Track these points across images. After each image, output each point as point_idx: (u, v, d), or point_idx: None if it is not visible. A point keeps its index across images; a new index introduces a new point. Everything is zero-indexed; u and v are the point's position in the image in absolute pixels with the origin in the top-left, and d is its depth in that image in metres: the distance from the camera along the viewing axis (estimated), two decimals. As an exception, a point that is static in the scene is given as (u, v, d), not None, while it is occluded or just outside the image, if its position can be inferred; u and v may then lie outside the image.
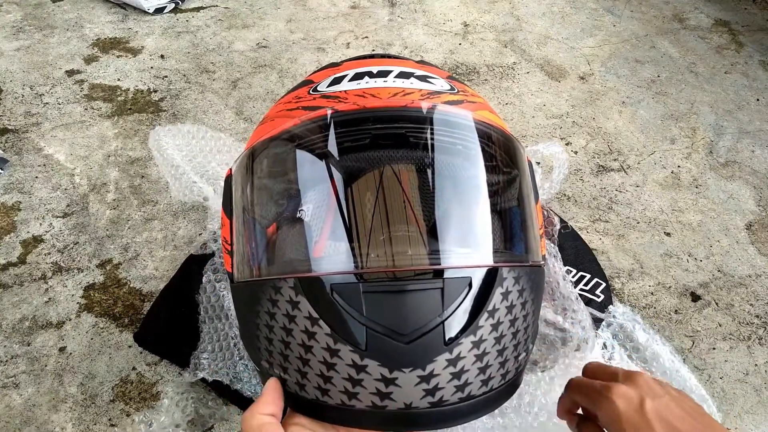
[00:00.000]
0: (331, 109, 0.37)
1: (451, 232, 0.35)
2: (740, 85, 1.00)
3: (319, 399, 0.33)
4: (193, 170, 0.75)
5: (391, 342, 0.31)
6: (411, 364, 0.31)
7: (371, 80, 0.40)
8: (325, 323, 0.32)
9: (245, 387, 0.52)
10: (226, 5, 1.13)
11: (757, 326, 0.65)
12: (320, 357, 0.32)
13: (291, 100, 0.43)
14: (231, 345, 0.54)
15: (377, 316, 0.31)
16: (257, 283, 0.35)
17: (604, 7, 1.20)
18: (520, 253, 0.38)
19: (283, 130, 0.38)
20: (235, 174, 0.41)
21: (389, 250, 0.34)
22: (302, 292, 0.32)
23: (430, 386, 0.31)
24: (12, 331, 0.59)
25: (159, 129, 0.79)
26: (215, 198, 0.70)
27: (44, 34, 1.01)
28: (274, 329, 0.34)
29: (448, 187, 0.37)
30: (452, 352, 0.32)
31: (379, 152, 0.37)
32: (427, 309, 0.32)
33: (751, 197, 0.80)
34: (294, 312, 0.33)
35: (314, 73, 0.48)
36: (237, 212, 0.40)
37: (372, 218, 0.35)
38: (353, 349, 0.31)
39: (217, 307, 0.57)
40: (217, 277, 0.59)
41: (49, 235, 0.69)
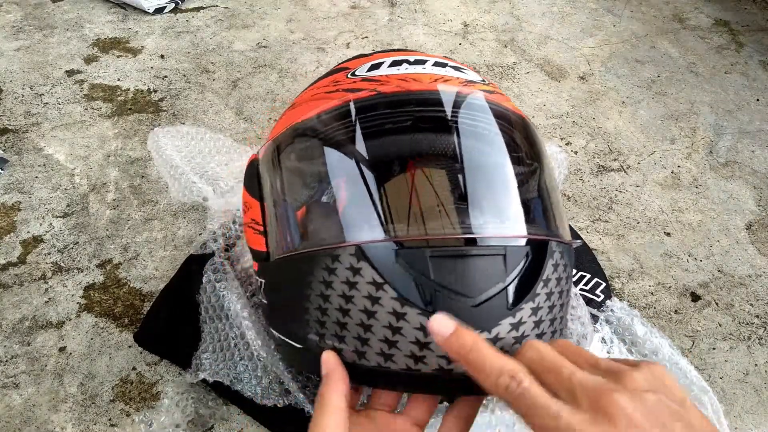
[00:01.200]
0: (374, 90, 0.39)
1: (511, 206, 0.37)
2: (740, 85, 1.00)
3: (381, 365, 0.33)
4: (193, 171, 0.75)
5: (458, 305, 0.32)
6: (478, 326, 0.32)
7: (410, 67, 0.42)
8: (391, 287, 0.32)
9: (246, 388, 0.52)
10: (226, 5, 1.13)
11: (757, 326, 0.65)
12: (385, 322, 0.32)
13: (327, 84, 0.43)
14: (231, 345, 0.54)
15: (445, 280, 0.32)
16: (308, 254, 0.35)
17: (604, 7, 1.20)
18: (558, 231, 0.40)
19: (333, 107, 0.39)
20: (270, 155, 0.42)
21: (453, 219, 0.35)
22: (364, 259, 0.33)
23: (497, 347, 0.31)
24: (12, 331, 0.59)
25: (158, 130, 0.79)
26: (215, 198, 0.70)
27: (44, 34, 1.01)
28: (330, 298, 0.34)
29: (501, 168, 0.38)
30: (515, 316, 0.33)
31: (424, 134, 0.38)
32: (491, 274, 0.33)
33: (751, 197, 0.80)
34: (355, 278, 0.33)
35: (346, 62, 0.49)
36: (275, 191, 0.41)
37: (434, 189, 0.36)
38: (421, 311, 0.32)
39: (218, 307, 0.56)
40: (218, 277, 0.59)
41: (49, 235, 0.69)
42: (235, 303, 0.55)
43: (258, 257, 0.43)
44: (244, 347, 0.53)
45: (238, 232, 0.66)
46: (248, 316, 0.55)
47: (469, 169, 0.37)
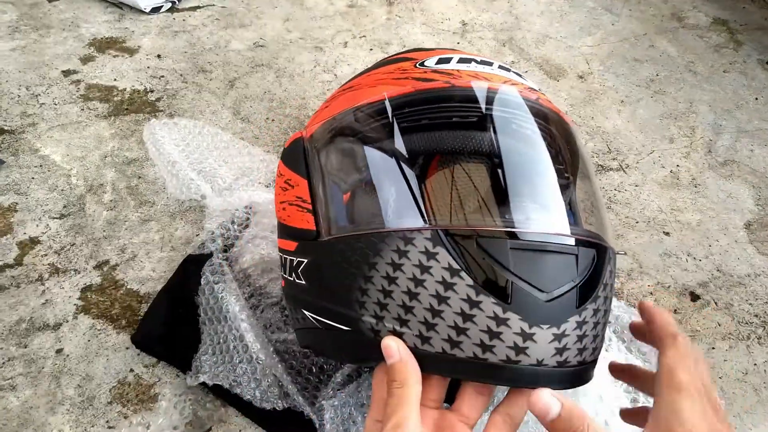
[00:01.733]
0: (447, 82, 0.40)
1: (583, 211, 0.40)
2: (739, 84, 1.00)
3: (447, 352, 0.33)
4: (190, 166, 0.74)
5: (533, 298, 0.33)
6: (549, 321, 0.33)
7: (478, 66, 0.43)
8: (467, 275, 0.33)
9: (245, 391, 0.52)
10: (223, 4, 1.12)
11: (756, 326, 0.65)
12: (457, 308, 0.33)
13: (393, 71, 0.44)
14: (230, 348, 0.53)
15: (523, 272, 0.33)
16: (376, 235, 0.35)
17: (602, 5, 1.20)
18: (610, 239, 0.41)
19: (408, 93, 0.40)
20: (330, 134, 0.42)
21: (534, 215, 0.36)
22: (441, 244, 0.33)
23: (560, 345, 0.33)
24: (9, 333, 0.59)
25: (154, 122, 0.79)
26: (213, 196, 0.70)
27: (40, 34, 1.00)
28: (398, 280, 0.34)
29: (564, 173, 0.40)
30: (581, 315, 0.34)
31: (503, 131, 0.39)
32: (565, 272, 0.34)
33: (750, 196, 0.80)
34: (430, 263, 0.33)
35: (405, 53, 0.49)
36: (335, 170, 0.41)
37: (516, 183, 0.37)
38: (496, 301, 0.32)
39: (216, 309, 0.56)
40: (216, 278, 0.58)
41: (46, 236, 0.68)
42: (233, 305, 0.55)
43: (301, 236, 0.42)
44: (243, 350, 0.53)
45: (237, 232, 0.66)
46: (247, 318, 0.55)
47: (548, 170, 0.39)
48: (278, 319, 0.59)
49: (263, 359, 0.52)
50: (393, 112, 0.40)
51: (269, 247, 0.63)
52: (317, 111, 0.48)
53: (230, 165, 0.76)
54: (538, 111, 0.41)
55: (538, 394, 0.31)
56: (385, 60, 0.50)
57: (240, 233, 0.66)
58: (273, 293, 0.61)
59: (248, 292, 0.60)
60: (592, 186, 0.43)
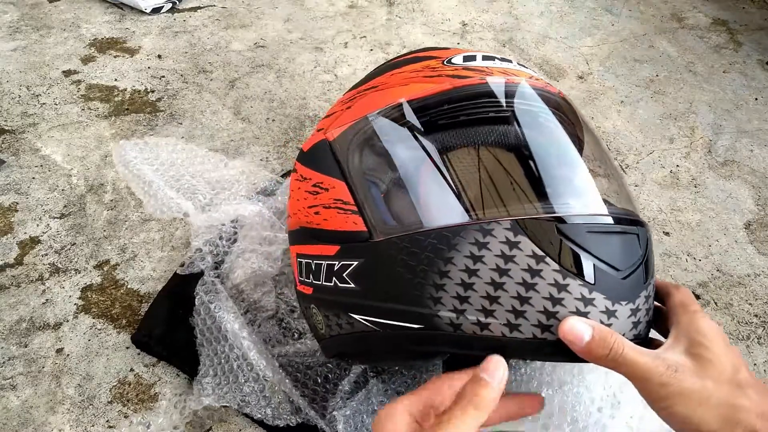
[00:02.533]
0: (483, 78, 0.42)
1: (626, 195, 0.42)
2: (738, 84, 1.00)
3: (537, 337, 0.34)
4: (167, 185, 0.71)
5: (612, 276, 0.35)
6: (626, 297, 0.35)
7: (501, 63, 0.45)
8: (552, 260, 0.34)
9: (254, 410, 0.51)
10: (224, 5, 1.13)
11: (756, 325, 0.65)
12: (546, 293, 0.34)
13: (422, 69, 0.45)
14: (234, 367, 0.52)
15: (601, 253, 0.35)
16: (448, 230, 0.36)
17: (602, 6, 1.20)
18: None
19: (447, 90, 0.41)
20: (370, 134, 0.43)
21: (595, 201, 0.39)
22: (522, 232, 0.34)
23: (636, 319, 0.36)
24: (9, 333, 0.59)
25: (123, 143, 0.77)
26: (196, 213, 0.67)
27: (41, 35, 1.00)
28: (479, 272, 0.35)
29: (608, 160, 0.43)
30: (647, 289, 0.37)
31: (543, 125, 0.41)
32: (633, 250, 0.37)
33: (750, 196, 0.80)
34: (513, 252, 0.34)
35: (423, 51, 0.50)
36: (382, 169, 0.42)
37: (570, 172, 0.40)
38: (582, 283, 0.34)
39: (215, 329, 0.55)
40: (210, 297, 0.57)
41: (47, 236, 0.68)
42: (232, 323, 0.54)
43: (346, 239, 0.41)
44: (248, 368, 0.52)
45: (226, 248, 0.64)
46: (248, 335, 0.54)
47: (593, 160, 0.42)
48: (276, 332, 0.59)
49: (270, 376, 0.51)
50: (435, 110, 0.41)
51: (260, 261, 0.62)
52: (336, 114, 0.47)
53: (208, 180, 0.74)
54: (562, 106, 0.43)
55: (569, 322, 0.33)
56: (401, 60, 0.49)
57: (229, 248, 0.64)
58: (267, 307, 0.60)
59: (243, 307, 0.59)
60: (617, 168, 0.45)
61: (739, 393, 0.32)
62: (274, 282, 0.63)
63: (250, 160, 0.79)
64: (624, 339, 0.33)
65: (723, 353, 0.33)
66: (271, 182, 0.75)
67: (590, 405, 0.49)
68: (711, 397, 0.31)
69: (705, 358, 0.33)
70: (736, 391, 0.32)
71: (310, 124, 0.87)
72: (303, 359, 0.56)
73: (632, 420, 0.48)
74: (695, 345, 0.34)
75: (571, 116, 0.44)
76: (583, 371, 0.52)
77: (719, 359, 0.33)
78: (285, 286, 0.63)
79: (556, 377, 0.51)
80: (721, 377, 0.32)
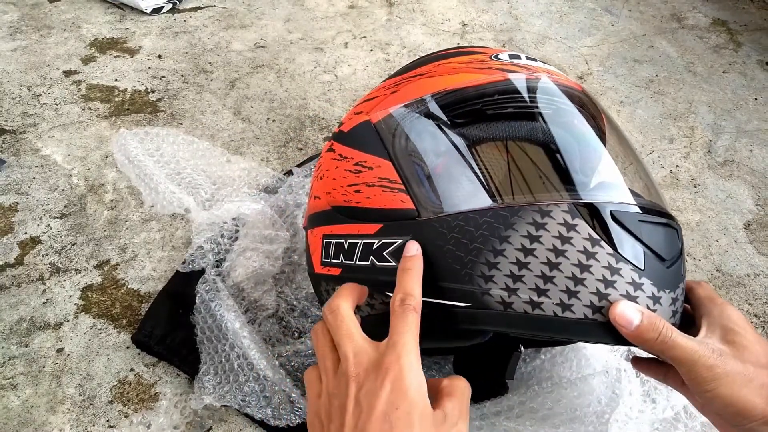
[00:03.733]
0: (532, 75, 0.44)
1: (657, 192, 0.44)
2: (738, 85, 1.00)
3: (589, 317, 0.35)
4: (168, 178, 0.71)
5: (659, 264, 0.36)
6: (670, 285, 0.37)
7: (542, 64, 0.47)
8: (607, 244, 0.35)
9: (255, 410, 0.51)
10: (224, 5, 1.13)
11: (755, 325, 0.65)
12: (599, 275, 0.35)
13: (470, 61, 0.46)
14: (235, 367, 0.52)
15: (651, 241, 0.36)
16: (507, 209, 0.37)
17: (602, 6, 1.21)
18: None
19: (501, 81, 0.43)
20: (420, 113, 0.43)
21: (640, 192, 0.40)
22: (579, 216, 0.36)
23: (675, 308, 0.37)
24: (10, 333, 0.59)
25: (124, 132, 0.76)
26: (197, 209, 0.67)
27: (41, 35, 1.00)
28: (535, 252, 0.36)
29: (635, 155, 0.45)
30: (683, 281, 0.38)
31: (586, 120, 0.43)
32: (675, 243, 0.38)
33: (750, 197, 0.80)
34: (570, 234, 0.36)
35: (467, 47, 0.51)
36: (434, 150, 0.42)
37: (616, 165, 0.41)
38: (633, 268, 0.35)
39: (215, 327, 0.55)
40: (211, 296, 0.57)
41: (47, 236, 0.68)
42: (233, 322, 0.54)
43: (392, 216, 0.42)
44: (248, 368, 0.52)
45: (227, 246, 0.64)
46: (249, 335, 0.54)
47: (632, 153, 0.44)
48: (276, 331, 0.59)
49: (271, 376, 0.51)
50: (488, 98, 0.42)
51: (261, 259, 0.62)
52: (380, 98, 0.48)
53: (210, 174, 0.73)
54: (591, 104, 0.45)
55: (621, 306, 0.34)
56: (445, 53, 0.50)
57: (230, 246, 0.64)
58: (268, 305, 0.60)
59: (243, 306, 0.59)
60: (647, 167, 0.47)
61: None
62: (274, 280, 0.63)
63: (251, 160, 0.79)
64: (671, 325, 0.35)
65: (756, 340, 0.35)
66: (274, 179, 0.75)
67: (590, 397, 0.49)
68: (754, 379, 0.33)
69: (741, 345, 0.35)
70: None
71: (311, 124, 0.87)
72: (303, 359, 0.56)
73: (631, 411, 0.49)
74: (730, 332, 0.36)
75: (604, 119, 0.46)
76: (582, 367, 0.52)
77: (754, 345, 0.35)
78: (285, 285, 0.63)
79: (556, 372, 0.51)
80: (759, 361, 0.34)
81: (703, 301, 0.39)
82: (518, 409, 0.49)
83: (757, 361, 0.34)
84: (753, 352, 0.35)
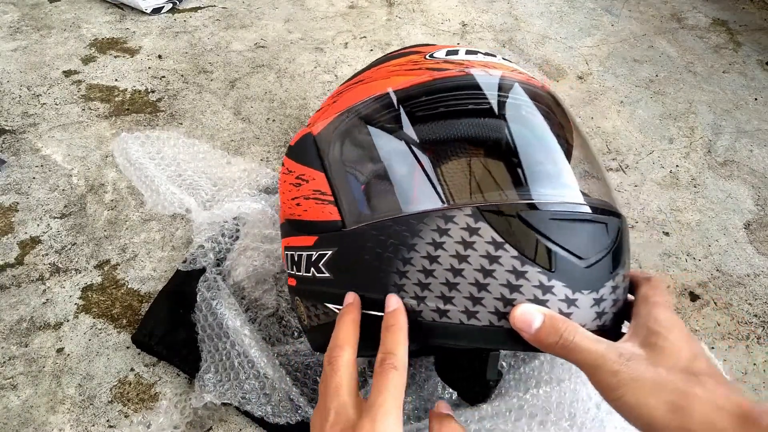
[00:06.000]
0: (462, 71, 0.42)
1: (607, 183, 0.42)
2: (738, 85, 1.00)
3: (494, 324, 0.34)
4: (169, 180, 0.71)
5: (574, 264, 0.34)
6: (589, 286, 0.34)
7: (484, 57, 0.45)
8: (512, 247, 0.34)
9: (255, 408, 0.51)
10: (224, 5, 1.13)
11: (755, 325, 0.65)
12: (503, 280, 0.34)
13: (405, 63, 0.46)
14: (235, 365, 0.53)
15: (563, 241, 0.34)
16: (413, 217, 0.36)
17: (602, 6, 1.21)
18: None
19: (426, 82, 0.42)
20: (348, 126, 0.43)
21: (564, 190, 0.38)
22: (483, 219, 0.34)
23: (599, 309, 0.35)
24: (10, 333, 0.59)
25: (125, 135, 0.77)
26: (198, 210, 0.68)
27: (41, 35, 1.00)
28: (440, 259, 0.35)
29: (591, 152, 0.43)
30: (614, 279, 0.36)
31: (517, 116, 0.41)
32: (599, 240, 0.36)
33: (750, 197, 0.80)
34: (473, 238, 0.34)
35: (412, 47, 0.51)
36: (358, 161, 0.42)
37: (540, 162, 0.40)
38: (541, 270, 0.33)
39: (216, 325, 0.55)
40: (212, 294, 0.57)
41: (47, 236, 0.68)
42: (233, 320, 0.55)
43: (323, 228, 0.42)
44: (249, 366, 0.52)
45: (228, 245, 0.65)
46: (249, 333, 0.54)
47: (566, 150, 0.41)
48: (276, 330, 0.59)
49: (271, 374, 0.52)
50: (414, 101, 0.41)
51: (261, 258, 0.62)
52: (322, 108, 0.48)
53: (210, 176, 0.74)
54: (544, 98, 0.43)
55: (521, 308, 0.33)
56: (389, 56, 0.51)
57: (231, 246, 0.65)
58: (268, 305, 0.61)
59: (244, 305, 0.60)
60: (597, 159, 0.45)
61: (693, 381, 0.30)
62: (275, 280, 0.63)
63: (251, 160, 0.79)
64: (577, 326, 0.33)
65: (680, 342, 0.32)
66: (274, 180, 0.75)
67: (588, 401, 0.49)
68: (664, 386, 0.30)
69: (659, 347, 0.32)
70: (691, 379, 0.30)
71: (311, 124, 0.87)
72: (302, 359, 0.56)
73: None
74: (653, 335, 0.33)
75: (554, 108, 0.44)
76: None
77: (675, 348, 0.32)
78: (285, 284, 0.63)
79: (555, 375, 0.51)
80: (676, 365, 0.31)
81: (638, 301, 0.37)
82: (516, 413, 0.49)
83: (676, 365, 0.31)
84: (672, 354, 0.31)
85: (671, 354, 0.31)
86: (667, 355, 0.31)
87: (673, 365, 0.31)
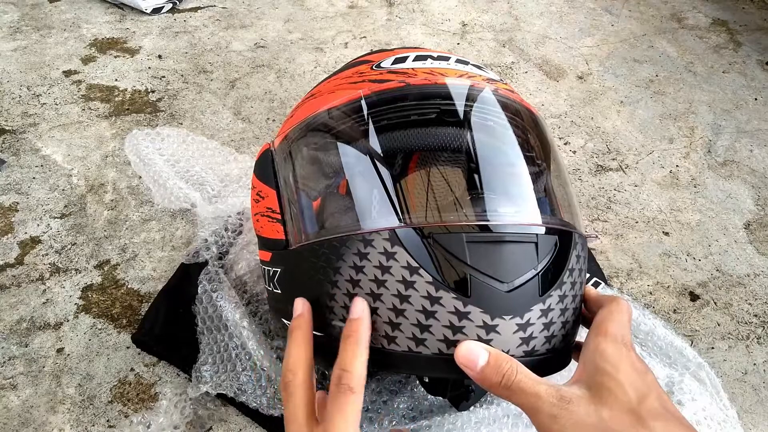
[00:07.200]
0: (402, 82, 0.40)
1: (538, 198, 0.39)
2: (738, 85, 1.00)
3: (413, 350, 0.33)
4: (177, 176, 0.73)
5: (493, 289, 0.32)
6: (511, 311, 0.33)
7: (434, 62, 0.43)
8: (426, 272, 0.32)
9: (250, 399, 0.51)
10: (224, 5, 1.13)
11: (755, 325, 0.65)
12: (419, 306, 0.33)
13: (351, 75, 0.44)
14: (233, 356, 0.53)
15: (481, 264, 0.33)
16: (338, 240, 0.35)
17: (602, 6, 1.21)
18: (578, 224, 0.41)
19: (358, 98, 0.40)
20: (291, 145, 0.43)
21: (488, 206, 0.36)
22: (399, 243, 0.33)
23: (525, 335, 0.33)
24: (10, 333, 0.59)
25: (137, 132, 0.79)
26: (203, 204, 0.68)
27: (41, 35, 1.00)
28: (360, 283, 0.34)
29: (528, 162, 0.39)
30: (545, 303, 0.34)
31: (454, 127, 0.39)
32: (525, 261, 0.34)
33: (750, 197, 0.80)
34: (389, 263, 0.33)
35: (366, 55, 0.50)
36: (298, 180, 0.41)
37: (467, 179, 0.38)
38: (456, 296, 0.32)
39: (215, 317, 0.56)
40: (213, 286, 0.58)
41: (47, 236, 0.68)
42: (233, 312, 0.55)
43: (273, 246, 0.43)
44: (246, 358, 0.53)
45: (231, 239, 0.65)
46: (248, 325, 0.54)
47: (498, 162, 0.39)
48: (276, 326, 0.59)
49: (267, 366, 0.52)
50: (349, 117, 0.40)
51: (264, 253, 0.63)
52: (284, 121, 0.48)
53: (217, 172, 0.75)
54: (497, 101, 0.41)
55: (464, 345, 0.32)
56: (347, 64, 0.50)
57: (234, 240, 0.65)
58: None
59: (245, 299, 0.60)
60: (560, 172, 0.43)
61: (639, 424, 0.28)
62: (275, 276, 0.64)
63: (251, 160, 0.79)
64: (520, 366, 0.31)
65: (628, 381, 0.30)
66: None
67: None
68: (606, 430, 0.28)
69: (605, 387, 0.30)
70: (638, 422, 0.28)
71: (310, 124, 0.87)
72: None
73: None
74: (599, 372, 0.31)
75: (507, 110, 0.42)
76: (572, 371, 0.52)
77: (621, 387, 0.30)
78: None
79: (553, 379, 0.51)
80: (622, 407, 0.29)
81: (591, 330, 0.34)
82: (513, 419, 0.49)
83: (620, 406, 0.29)
84: (618, 395, 0.29)
85: (617, 395, 0.29)
86: (612, 396, 0.29)
87: (619, 407, 0.29)
